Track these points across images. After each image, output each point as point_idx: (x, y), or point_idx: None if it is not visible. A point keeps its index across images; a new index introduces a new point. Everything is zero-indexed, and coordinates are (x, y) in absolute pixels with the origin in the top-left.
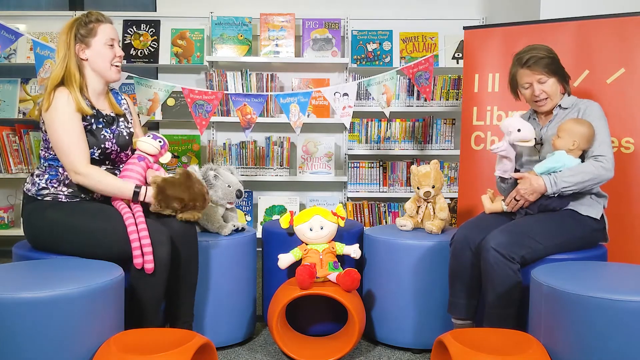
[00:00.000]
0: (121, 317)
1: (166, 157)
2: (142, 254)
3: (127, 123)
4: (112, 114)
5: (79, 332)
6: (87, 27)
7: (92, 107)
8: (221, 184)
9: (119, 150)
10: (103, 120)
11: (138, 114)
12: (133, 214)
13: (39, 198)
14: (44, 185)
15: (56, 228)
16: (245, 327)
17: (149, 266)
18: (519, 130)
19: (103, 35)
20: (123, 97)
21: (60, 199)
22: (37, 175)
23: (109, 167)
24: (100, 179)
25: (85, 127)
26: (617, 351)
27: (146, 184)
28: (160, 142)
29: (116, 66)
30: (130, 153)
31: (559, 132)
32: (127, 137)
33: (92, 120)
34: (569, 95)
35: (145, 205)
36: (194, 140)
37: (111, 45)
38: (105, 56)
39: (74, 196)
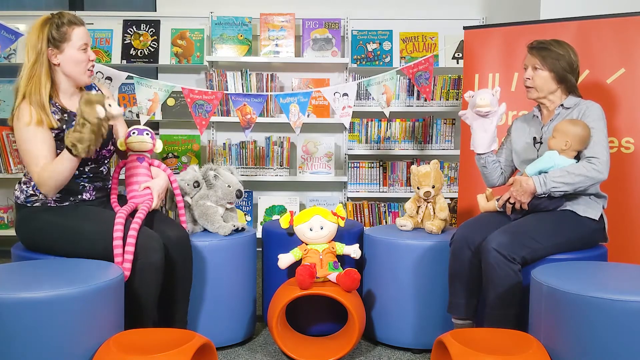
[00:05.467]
0: (121, 317)
1: (159, 146)
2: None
3: None
4: None
5: (79, 332)
6: (60, 31)
7: (63, 111)
8: (221, 184)
9: (97, 149)
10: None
11: (138, 114)
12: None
13: (28, 205)
14: (32, 192)
15: (48, 231)
16: (245, 327)
17: (125, 273)
18: (472, 97)
19: (77, 40)
20: (98, 89)
21: (49, 204)
22: (24, 183)
23: (92, 166)
24: (49, 171)
25: (57, 134)
26: (617, 351)
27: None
28: (147, 134)
29: (89, 70)
30: (112, 147)
31: (553, 132)
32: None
33: (64, 126)
34: (575, 96)
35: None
36: (194, 140)
37: (84, 50)
38: (80, 61)
39: (63, 200)
